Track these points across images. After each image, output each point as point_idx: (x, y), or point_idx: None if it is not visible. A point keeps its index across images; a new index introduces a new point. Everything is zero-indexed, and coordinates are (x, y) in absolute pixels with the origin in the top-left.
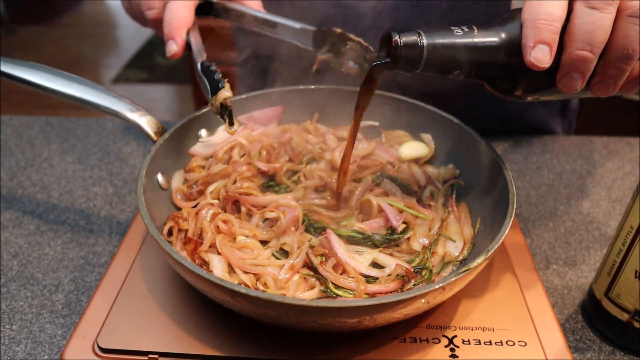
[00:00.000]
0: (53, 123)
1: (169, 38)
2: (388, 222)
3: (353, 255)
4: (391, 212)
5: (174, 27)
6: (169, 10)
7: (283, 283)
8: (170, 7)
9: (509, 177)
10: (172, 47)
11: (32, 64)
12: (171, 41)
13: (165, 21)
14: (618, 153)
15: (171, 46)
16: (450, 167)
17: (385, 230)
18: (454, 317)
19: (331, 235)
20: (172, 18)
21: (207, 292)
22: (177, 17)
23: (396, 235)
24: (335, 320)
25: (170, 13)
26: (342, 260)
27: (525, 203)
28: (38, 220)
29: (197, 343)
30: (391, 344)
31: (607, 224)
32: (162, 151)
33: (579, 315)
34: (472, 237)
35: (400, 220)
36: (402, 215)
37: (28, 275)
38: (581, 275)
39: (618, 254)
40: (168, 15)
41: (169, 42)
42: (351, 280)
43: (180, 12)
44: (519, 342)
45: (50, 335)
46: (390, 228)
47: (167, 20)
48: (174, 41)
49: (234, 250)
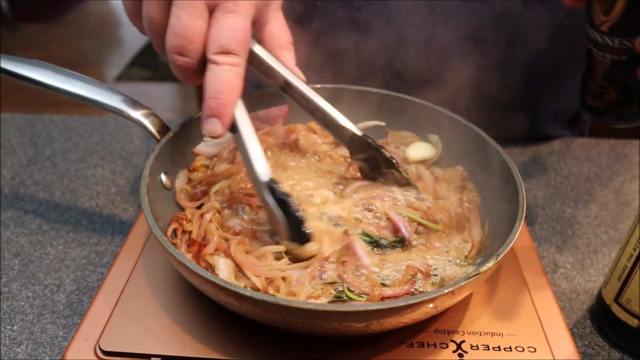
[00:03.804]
0: (56, 121)
1: (213, 115)
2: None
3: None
4: (401, 222)
5: (224, 104)
6: (217, 77)
7: (296, 288)
8: (220, 73)
9: (519, 180)
10: (216, 127)
11: (35, 61)
12: (215, 120)
13: (211, 91)
14: (626, 156)
15: (215, 126)
16: (458, 168)
17: (393, 237)
18: (462, 321)
19: (356, 243)
20: (223, 90)
21: (212, 295)
22: (228, 89)
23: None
24: (342, 325)
25: (220, 82)
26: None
27: (532, 206)
28: (40, 219)
29: (201, 346)
30: (398, 348)
31: (615, 228)
32: (166, 150)
33: (588, 320)
34: (482, 239)
35: (411, 231)
36: (414, 225)
37: (29, 274)
38: (589, 280)
39: (629, 259)
40: (217, 82)
41: (212, 120)
42: (366, 285)
43: (233, 83)
44: (528, 348)
45: (51, 336)
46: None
47: (215, 92)
48: (221, 122)
49: (248, 256)
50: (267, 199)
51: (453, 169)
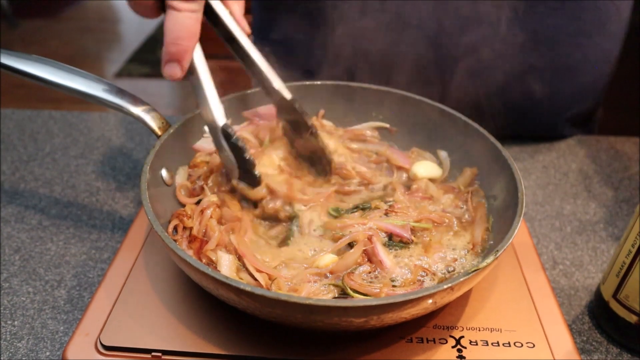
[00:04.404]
0: (56, 117)
1: (173, 60)
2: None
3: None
4: (401, 230)
5: (184, 49)
6: (176, 22)
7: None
8: (180, 19)
9: (518, 177)
10: (175, 70)
11: (35, 57)
12: (174, 64)
13: (172, 37)
14: (625, 153)
15: (174, 69)
16: (467, 170)
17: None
18: (462, 317)
19: (378, 245)
20: (182, 36)
21: (212, 290)
22: (187, 35)
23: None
24: (342, 320)
25: (180, 28)
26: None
27: (531, 202)
28: (40, 215)
29: (201, 341)
30: (398, 344)
31: (614, 224)
32: (167, 146)
33: (586, 316)
34: (483, 240)
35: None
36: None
37: (30, 270)
38: (588, 276)
39: (627, 255)
40: (176, 28)
41: (171, 65)
42: (377, 287)
43: (193, 29)
44: (527, 344)
45: (52, 332)
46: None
47: (176, 37)
48: (179, 65)
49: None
50: (222, 142)
51: (463, 173)
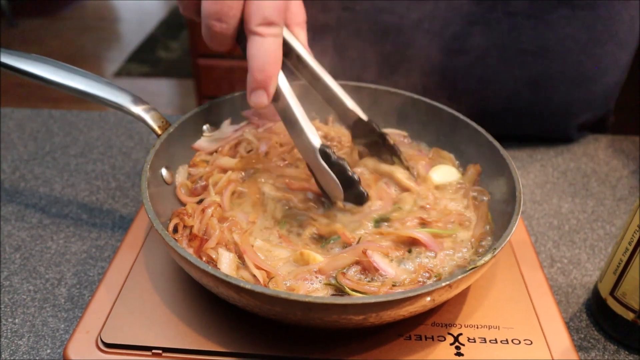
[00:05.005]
0: (55, 116)
1: (260, 87)
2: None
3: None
4: (430, 241)
5: (270, 76)
6: (260, 47)
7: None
8: (265, 45)
9: (516, 176)
10: (262, 98)
11: (36, 56)
12: (262, 92)
13: (258, 64)
14: (623, 151)
15: (261, 97)
16: (470, 166)
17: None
18: (460, 314)
19: (375, 257)
20: (269, 62)
21: (212, 288)
22: (274, 61)
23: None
24: (341, 317)
25: (265, 53)
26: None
27: (529, 201)
28: (40, 214)
29: (202, 339)
30: (396, 341)
31: (611, 223)
32: (167, 145)
33: (584, 314)
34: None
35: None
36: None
37: (30, 268)
38: (585, 274)
39: (624, 252)
40: (262, 54)
41: (258, 93)
42: (375, 286)
43: (277, 54)
44: (524, 341)
45: (52, 329)
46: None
47: (262, 64)
48: (266, 92)
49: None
50: (321, 164)
51: (468, 171)
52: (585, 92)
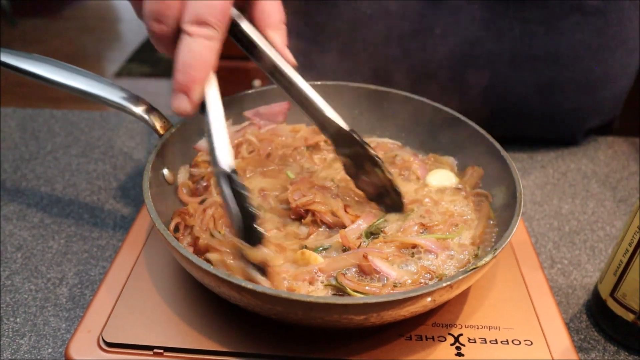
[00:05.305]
0: (57, 116)
1: (181, 90)
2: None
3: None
4: (435, 246)
5: (193, 80)
6: (188, 50)
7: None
8: (192, 45)
9: (517, 177)
10: (183, 103)
11: (37, 56)
12: (183, 96)
13: (180, 64)
14: (623, 153)
15: (182, 102)
16: (469, 169)
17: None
18: (460, 315)
19: (375, 261)
20: (193, 65)
21: (214, 288)
22: (200, 64)
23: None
24: (342, 317)
25: (191, 55)
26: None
27: (529, 202)
28: (42, 213)
29: (203, 338)
30: (397, 341)
31: (611, 224)
32: (168, 145)
33: (584, 315)
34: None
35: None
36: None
37: (32, 268)
38: (586, 275)
39: (624, 254)
40: (186, 55)
41: (179, 96)
42: (376, 287)
43: (206, 58)
44: (525, 342)
45: (54, 329)
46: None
47: (185, 65)
48: (189, 98)
49: None
50: (224, 188)
51: (466, 173)
52: (595, 98)
